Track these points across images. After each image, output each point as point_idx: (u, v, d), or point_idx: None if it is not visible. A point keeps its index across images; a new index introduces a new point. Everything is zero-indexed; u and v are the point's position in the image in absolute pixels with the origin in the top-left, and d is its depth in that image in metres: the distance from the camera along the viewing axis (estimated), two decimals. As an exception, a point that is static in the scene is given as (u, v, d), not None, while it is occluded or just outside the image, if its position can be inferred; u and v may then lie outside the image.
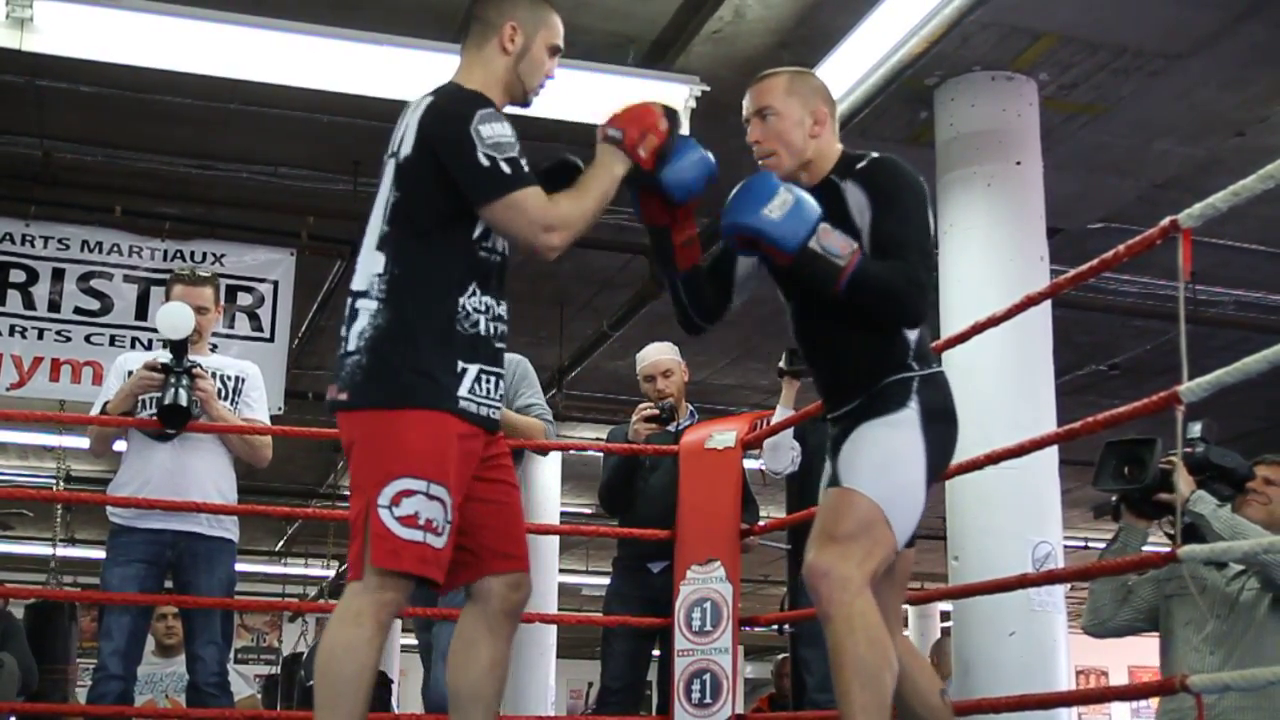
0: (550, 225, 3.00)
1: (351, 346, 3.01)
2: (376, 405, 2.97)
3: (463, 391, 3.01)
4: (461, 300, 3.03)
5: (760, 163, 3.31)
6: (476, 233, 3.05)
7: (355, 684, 2.89)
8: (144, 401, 4.82)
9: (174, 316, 4.71)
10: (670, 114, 3.21)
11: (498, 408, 3.15)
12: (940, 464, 3.13)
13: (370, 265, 3.05)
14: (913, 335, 3.14)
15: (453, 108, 3.04)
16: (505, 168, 2.97)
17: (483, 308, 3.07)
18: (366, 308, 3.01)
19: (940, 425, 3.11)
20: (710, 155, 3.22)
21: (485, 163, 2.96)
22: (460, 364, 3.01)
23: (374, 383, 2.98)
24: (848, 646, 2.85)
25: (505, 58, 3.21)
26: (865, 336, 3.14)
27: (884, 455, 3.04)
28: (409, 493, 2.90)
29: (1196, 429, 4.10)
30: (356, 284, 3.07)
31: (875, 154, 3.24)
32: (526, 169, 3.02)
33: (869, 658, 2.85)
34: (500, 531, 3.15)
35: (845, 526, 2.96)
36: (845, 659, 2.84)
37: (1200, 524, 3.87)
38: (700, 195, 3.22)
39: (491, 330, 3.10)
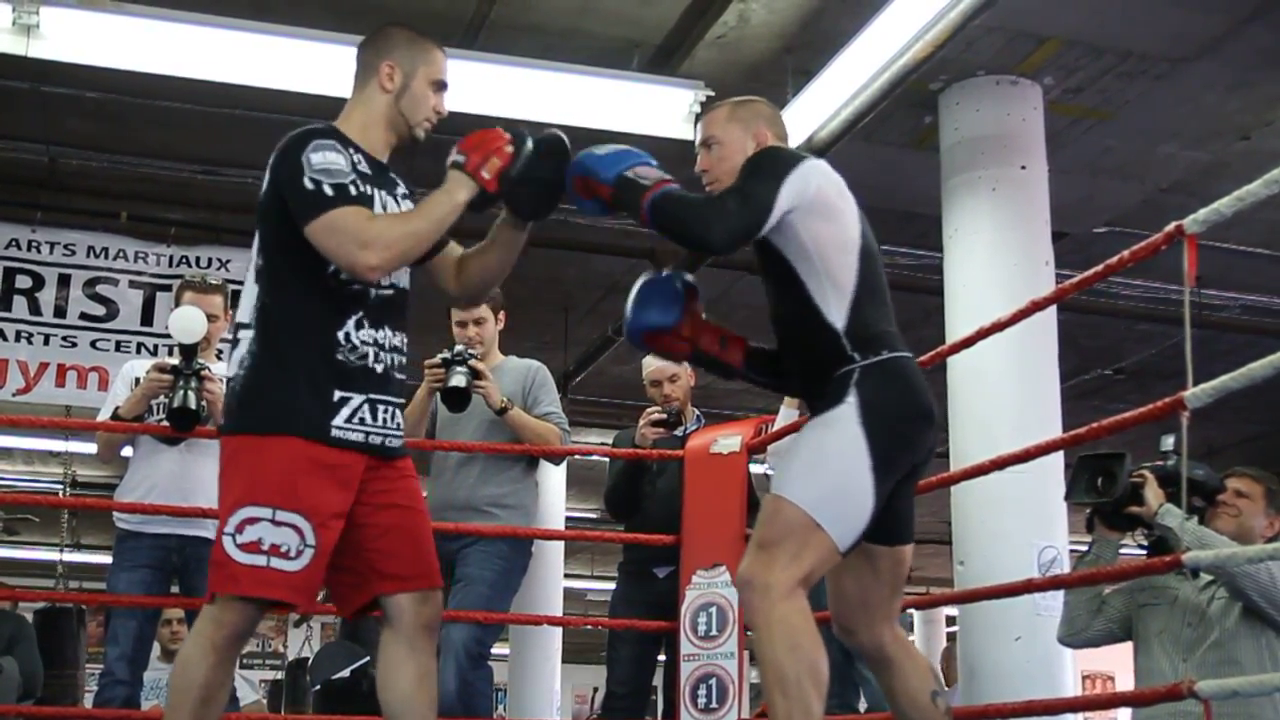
0: (365, 242, 3.00)
1: (231, 373, 3.11)
2: (242, 430, 3.06)
3: (338, 420, 3.06)
4: (341, 333, 3.09)
5: (707, 187, 3.32)
6: (332, 266, 3.08)
7: (188, 697, 2.97)
8: (153, 407, 4.83)
9: (187, 320, 4.72)
10: (518, 138, 3.23)
11: (395, 436, 3.20)
12: (895, 452, 3.02)
13: (249, 297, 3.14)
14: (840, 322, 3.08)
15: (291, 142, 3.14)
16: (328, 190, 3.03)
17: (370, 340, 3.14)
18: (246, 336, 3.10)
19: (886, 414, 3.01)
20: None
21: (310, 186, 3.03)
22: (338, 393, 3.07)
23: (243, 409, 3.07)
24: (767, 654, 2.87)
25: (385, 95, 3.29)
26: (802, 333, 3.15)
27: (813, 456, 3.02)
28: (253, 520, 2.96)
29: (1169, 442, 4.13)
30: (240, 315, 3.15)
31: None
32: (356, 194, 3.08)
33: (788, 665, 2.85)
34: (389, 554, 3.17)
35: (770, 534, 2.96)
36: (765, 667, 2.86)
37: (1169, 536, 3.91)
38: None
39: (389, 362, 3.18)
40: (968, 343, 4.17)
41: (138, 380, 4.85)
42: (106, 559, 4.93)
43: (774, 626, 2.87)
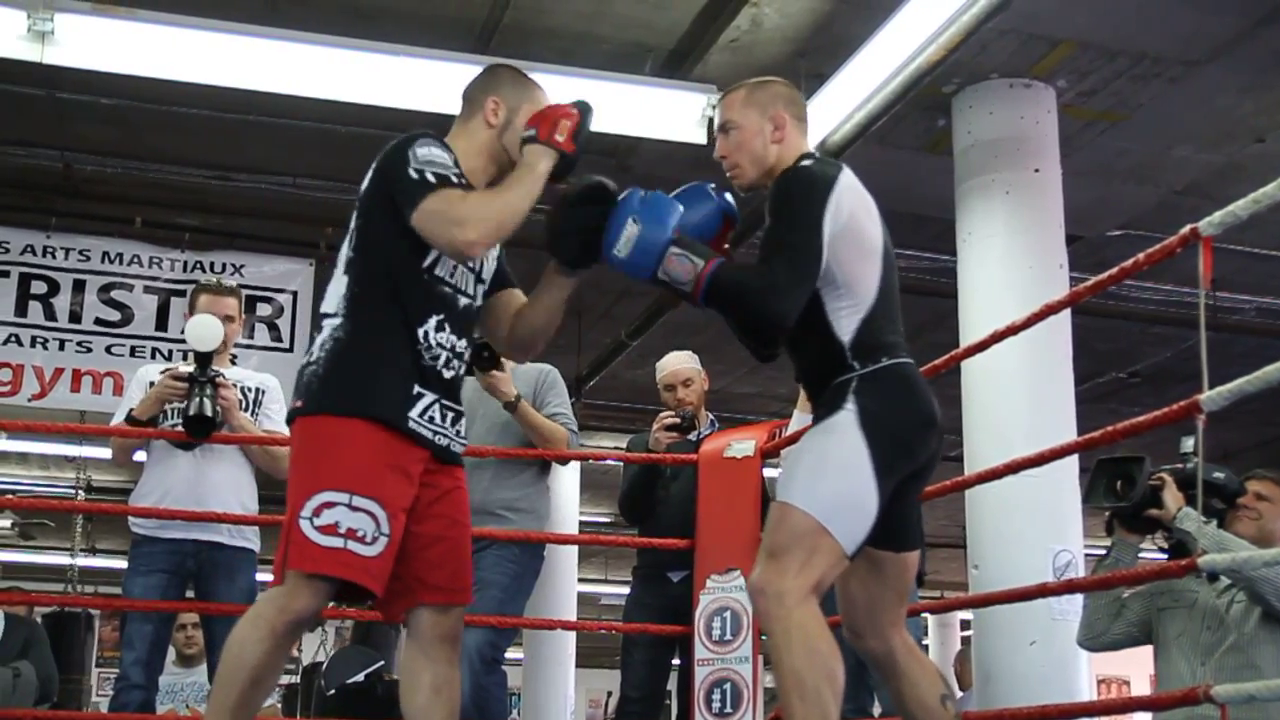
0: (459, 219, 3.05)
1: (313, 357, 3.13)
2: (325, 411, 3.07)
3: (414, 413, 3.11)
4: (423, 331, 3.14)
5: (728, 174, 3.37)
6: (426, 262, 3.16)
7: (238, 677, 2.97)
8: (168, 412, 4.85)
9: (204, 328, 4.74)
10: (581, 105, 3.32)
11: (459, 442, 3.24)
12: (894, 458, 3.01)
13: (337, 288, 3.18)
14: (845, 335, 3.10)
15: (399, 141, 3.19)
16: (430, 178, 3.09)
17: (447, 345, 3.19)
18: (330, 324, 3.14)
19: (887, 416, 3.02)
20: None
21: (414, 175, 3.10)
22: (417, 388, 3.12)
23: (328, 390, 3.08)
24: (785, 660, 2.88)
25: (489, 130, 3.35)
26: (805, 341, 3.16)
27: (817, 463, 3.03)
28: (330, 504, 2.97)
29: (1189, 444, 4.12)
30: (325, 306, 3.19)
31: (806, 161, 3.24)
32: (457, 183, 3.13)
33: (806, 671, 2.87)
34: (435, 565, 3.20)
35: (779, 540, 2.96)
36: (783, 672, 2.87)
37: (1188, 540, 3.90)
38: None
39: (457, 369, 3.23)
40: (982, 346, 4.15)
41: (152, 384, 4.87)
42: (121, 563, 4.95)
43: (791, 633, 2.88)
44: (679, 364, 5.65)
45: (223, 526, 4.82)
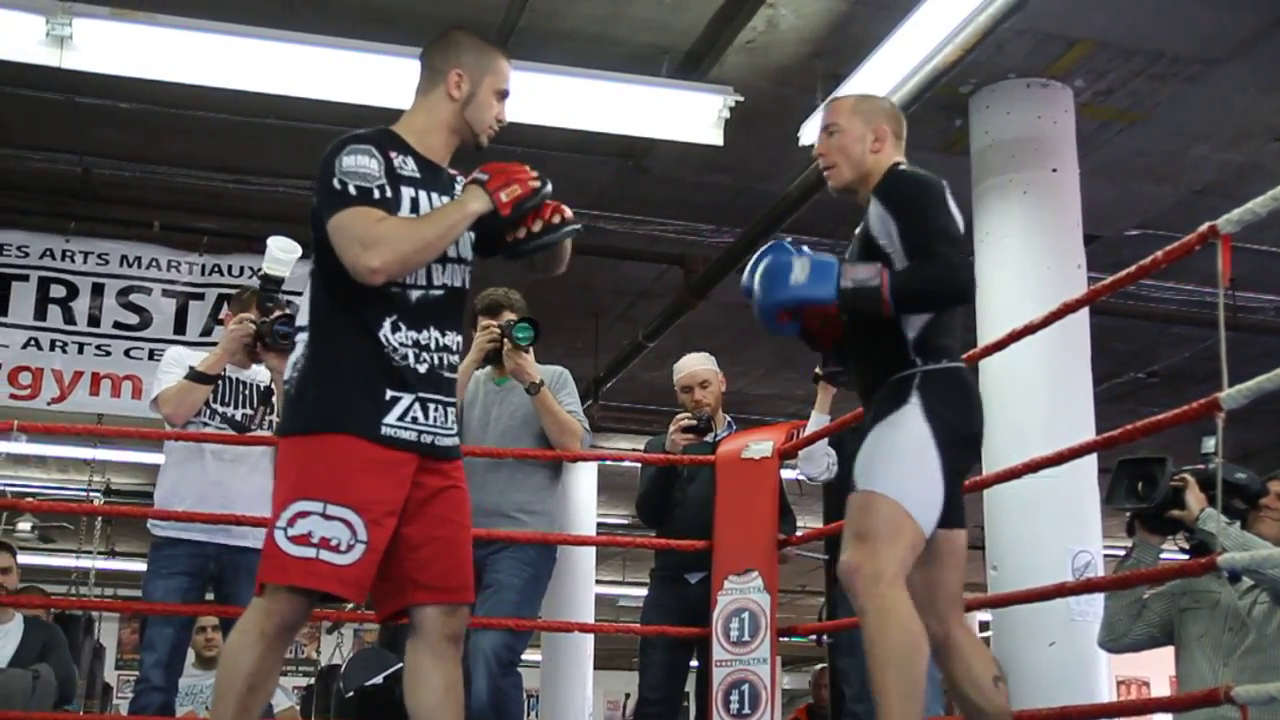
0: (368, 242, 3.02)
1: (287, 375, 3.18)
2: (296, 431, 3.10)
3: (390, 419, 3.09)
4: (382, 334, 3.12)
5: (824, 173, 3.57)
6: None
7: (234, 684, 2.98)
8: (209, 412, 4.88)
9: (284, 250, 4.80)
10: (542, 179, 3.27)
11: (446, 434, 3.21)
12: (957, 443, 3.21)
13: (306, 301, 3.20)
14: (911, 332, 3.26)
15: (332, 146, 3.17)
16: (352, 190, 3.07)
17: (409, 342, 3.15)
18: (301, 339, 3.17)
19: (947, 411, 3.20)
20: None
21: (336, 186, 3.08)
22: (390, 393, 3.10)
23: (296, 410, 3.13)
24: (882, 635, 3.03)
25: (452, 103, 3.33)
26: (869, 338, 3.32)
27: (892, 451, 3.18)
28: (304, 514, 2.99)
29: (1210, 444, 4.10)
30: (299, 318, 3.22)
31: (906, 166, 3.44)
32: (379, 198, 3.10)
33: (902, 644, 3.03)
34: (425, 564, 3.18)
35: (869, 524, 3.11)
36: (880, 647, 3.02)
37: (1209, 541, 3.88)
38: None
39: (434, 361, 3.19)
40: (999, 346, 4.15)
41: (191, 368, 4.87)
42: (140, 566, 4.96)
43: (888, 611, 3.04)
44: (696, 365, 5.66)
45: (248, 530, 4.84)
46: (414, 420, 3.12)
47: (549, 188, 3.26)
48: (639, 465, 5.93)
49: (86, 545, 12.13)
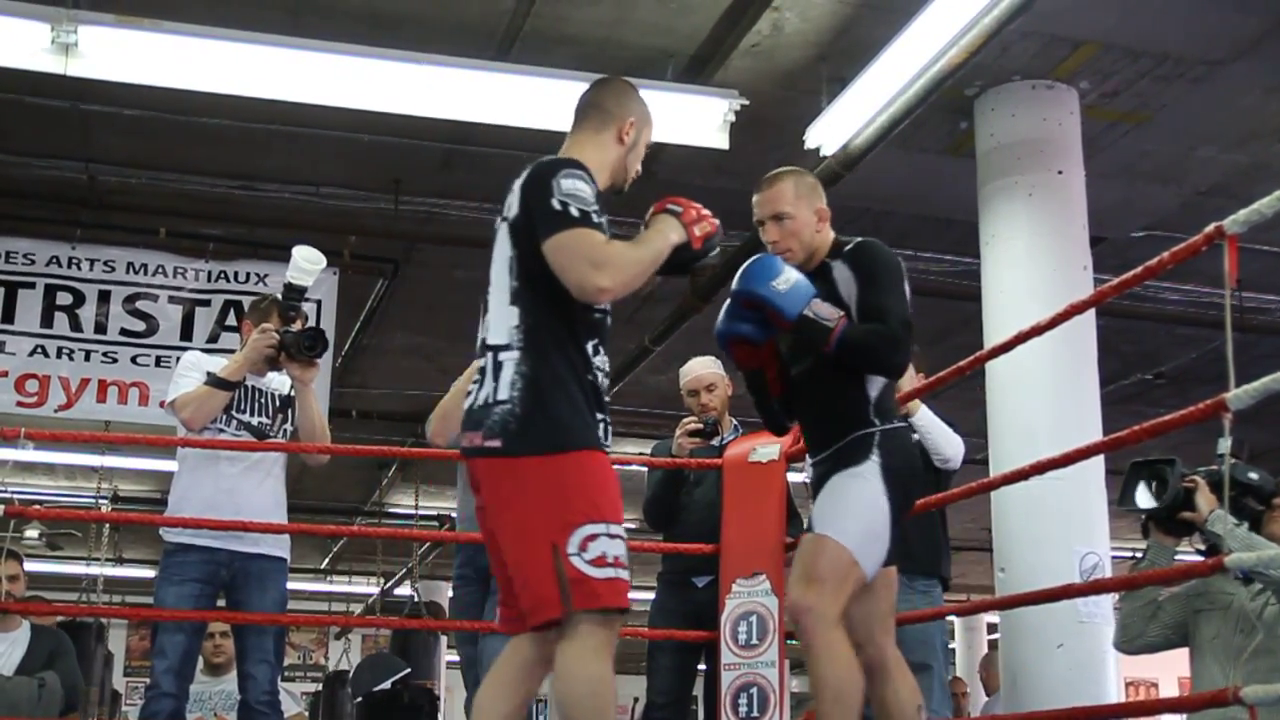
0: (599, 262, 3.11)
1: (503, 395, 3.13)
2: (539, 451, 3.09)
3: (604, 438, 3.20)
4: (587, 354, 3.22)
5: (780, 255, 3.80)
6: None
7: (610, 710, 3.07)
8: (226, 419, 4.89)
9: (309, 261, 4.81)
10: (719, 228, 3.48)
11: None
12: (905, 505, 3.60)
13: (506, 319, 3.20)
14: (873, 394, 3.64)
15: (545, 169, 3.24)
16: (574, 212, 3.14)
17: (603, 366, 3.28)
18: (510, 358, 3.16)
19: (900, 474, 3.58)
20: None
21: (556, 206, 3.14)
22: (597, 414, 3.20)
23: (533, 429, 3.10)
24: (826, 672, 3.41)
25: (620, 147, 3.48)
26: (833, 396, 3.68)
27: (851, 504, 3.54)
28: (593, 536, 3.04)
29: (1225, 445, 4.10)
30: (494, 338, 3.21)
31: (860, 239, 3.77)
32: (597, 222, 3.18)
33: (844, 681, 3.42)
34: None
35: (821, 568, 3.47)
36: (823, 683, 3.40)
37: (1218, 543, 3.88)
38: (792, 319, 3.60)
39: (605, 387, 3.29)
40: (1006, 348, 4.15)
41: (209, 373, 4.88)
42: (148, 573, 4.97)
43: (833, 649, 3.42)
44: (703, 369, 5.66)
45: (260, 537, 4.85)
46: (609, 441, 3.22)
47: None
48: (646, 469, 5.93)
49: (95, 552, 12.14)
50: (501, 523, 3.15)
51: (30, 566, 6.98)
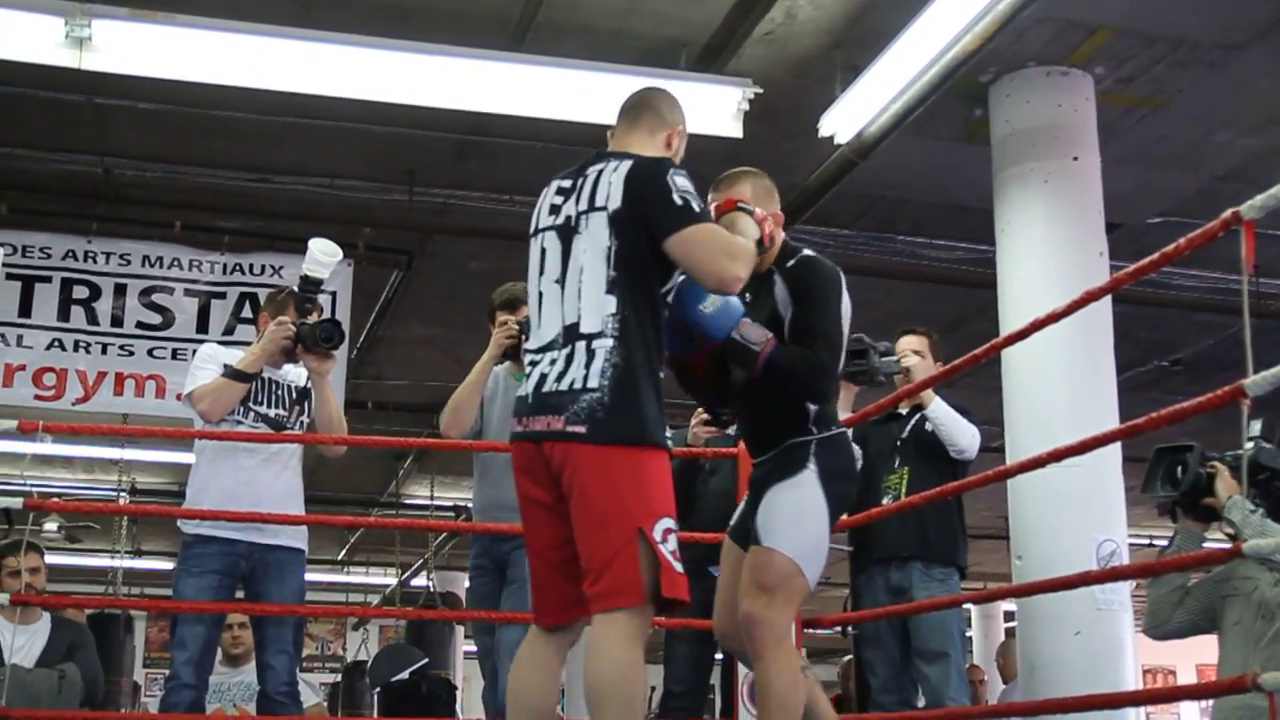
0: (733, 254, 3.31)
1: (593, 384, 3.23)
2: (621, 442, 3.21)
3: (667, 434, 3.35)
4: (662, 349, 3.38)
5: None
6: (667, 285, 3.41)
7: (642, 696, 3.18)
8: (243, 411, 4.91)
9: (325, 253, 4.82)
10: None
11: None
12: (839, 513, 3.74)
13: (602, 307, 3.29)
14: (813, 407, 3.74)
15: (654, 166, 3.40)
16: (695, 207, 3.32)
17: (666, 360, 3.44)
18: (603, 346, 3.25)
19: (838, 481, 3.71)
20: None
21: (679, 202, 3.30)
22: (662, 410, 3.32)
23: (619, 420, 3.21)
24: (774, 682, 3.53)
25: (668, 152, 3.60)
26: (774, 403, 3.76)
27: (794, 514, 3.65)
28: (670, 530, 3.19)
29: (1255, 428, 4.08)
30: (587, 326, 3.29)
31: (805, 252, 3.88)
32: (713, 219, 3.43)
33: (789, 691, 3.55)
34: None
35: (771, 580, 3.59)
36: (770, 691, 3.53)
37: (1235, 529, 3.87)
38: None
39: None
40: (1022, 335, 4.13)
41: (226, 365, 4.90)
42: (166, 565, 4.99)
43: (780, 659, 3.55)
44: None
45: (280, 529, 4.86)
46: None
47: None
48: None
49: (115, 545, 12.21)
50: (581, 508, 3.21)
51: (50, 559, 6.99)
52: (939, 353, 5.70)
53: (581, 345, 3.26)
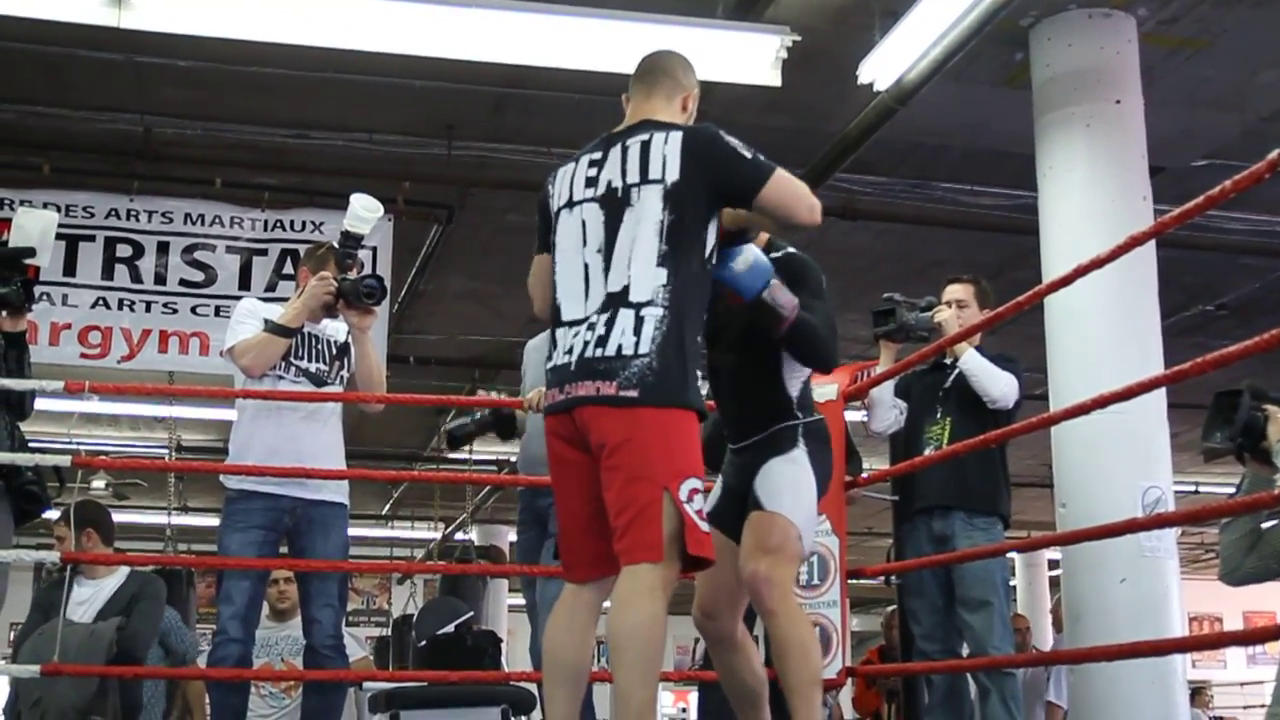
0: (812, 206, 3.51)
1: (644, 349, 3.30)
2: (663, 404, 3.29)
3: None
4: (704, 321, 3.50)
5: None
6: (709, 253, 3.46)
7: (661, 648, 3.24)
8: (285, 366, 4.95)
9: (367, 209, 4.86)
10: None
11: None
12: (823, 491, 3.88)
13: (653, 278, 3.35)
14: (794, 393, 3.89)
15: (707, 131, 3.49)
16: (764, 160, 3.45)
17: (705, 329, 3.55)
18: (653, 314, 3.32)
19: (821, 461, 3.87)
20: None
21: (751, 158, 3.44)
22: (700, 374, 3.45)
23: (666, 383, 3.29)
24: (792, 634, 3.67)
25: (683, 115, 3.66)
26: (759, 392, 3.90)
27: (794, 485, 3.79)
28: (696, 490, 3.28)
29: None
30: (638, 295, 3.35)
31: (789, 249, 3.95)
32: None
33: (808, 640, 3.74)
34: None
35: (776, 541, 3.70)
36: (790, 642, 3.66)
37: None
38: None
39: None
40: (1065, 281, 4.09)
41: (267, 320, 4.92)
42: (213, 521, 5.01)
43: (793, 613, 3.73)
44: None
45: (324, 484, 4.89)
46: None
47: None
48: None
49: (161, 501, 12.33)
50: (614, 466, 3.26)
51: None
52: (989, 299, 5.65)
53: (629, 313, 3.31)
